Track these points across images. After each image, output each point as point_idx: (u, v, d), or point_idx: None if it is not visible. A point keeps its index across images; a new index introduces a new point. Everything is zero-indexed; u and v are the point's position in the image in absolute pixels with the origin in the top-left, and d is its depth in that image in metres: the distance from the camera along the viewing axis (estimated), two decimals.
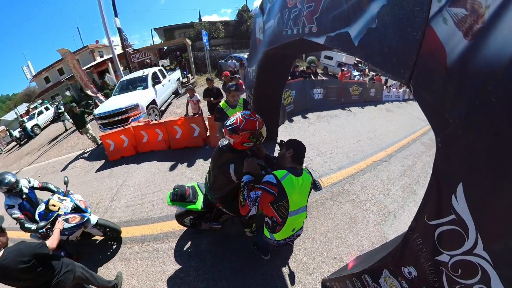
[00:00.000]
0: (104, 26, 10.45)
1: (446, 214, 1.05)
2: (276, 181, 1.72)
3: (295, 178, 1.75)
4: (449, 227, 1.05)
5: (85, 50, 20.90)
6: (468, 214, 0.96)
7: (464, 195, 0.97)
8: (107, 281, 2.61)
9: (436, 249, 1.12)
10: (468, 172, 0.96)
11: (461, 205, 0.98)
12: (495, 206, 0.88)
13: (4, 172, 2.80)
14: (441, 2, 0.95)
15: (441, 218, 1.08)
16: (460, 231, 1.00)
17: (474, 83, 0.88)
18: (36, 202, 3.07)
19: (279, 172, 1.77)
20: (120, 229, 3.39)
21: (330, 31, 1.66)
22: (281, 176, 1.74)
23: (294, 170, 1.79)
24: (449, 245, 1.06)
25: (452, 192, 1.01)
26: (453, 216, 1.02)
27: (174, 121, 5.71)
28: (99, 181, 5.26)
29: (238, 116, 1.91)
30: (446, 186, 1.05)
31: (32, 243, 2.00)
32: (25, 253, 1.87)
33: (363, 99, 9.73)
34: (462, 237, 0.99)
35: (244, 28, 21.24)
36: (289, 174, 1.74)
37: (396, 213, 3.35)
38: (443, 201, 1.07)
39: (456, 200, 1.00)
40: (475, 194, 0.94)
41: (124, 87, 8.49)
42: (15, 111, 23.17)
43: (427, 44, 1.03)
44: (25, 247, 1.93)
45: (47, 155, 8.93)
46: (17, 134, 14.47)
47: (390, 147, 5.44)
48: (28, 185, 3.04)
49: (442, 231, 1.08)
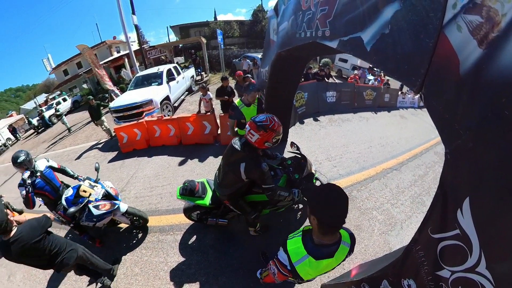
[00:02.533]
0: (122, 23, 10.78)
1: (450, 229, 1.02)
2: (289, 265, 1.25)
3: (316, 262, 1.18)
4: (452, 242, 1.01)
5: (103, 45, 21.64)
6: (473, 230, 0.93)
7: (471, 210, 0.93)
8: (104, 263, 2.74)
9: (437, 264, 1.08)
10: (476, 187, 0.92)
11: (467, 220, 0.95)
12: (502, 225, 0.84)
13: (19, 151, 2.91)
14: (456, 9, 0.92)
15: (445, 232, 1.05)
16: (464, 247, 0.96)
17: (487, 94, 0.84)
18: (55, 182, 3.13)
19: (296, 251, 1.23)
20: (148, 218, 3.45)
21: (343, 35, 1.64)
22: (296, 258, 1.22)
23: (318, 250, 1.19)
24: (451, 260, 1.02)
25: (458, 206, 0.97)
26: (457, 231, 0.99)
27: (187, 118, 5.84)
28: (111, 171, 5.46)
29: (267, 116, 1.97)
30: (452, 199, 1.02)
31: (39, 218, 2.22)
32: (36, 227, 2.09)
33: (377, 104, 9.49)
34: (465, 253, 0.95)
35: (259, 28, 21.29)
36: (307, 257, 1.19)
37: (403, 223, 3.25)
38: (448, 215, 1.03)
39: (461, 214, 0.97)
40: (482, 210, 0.90)
41: (140, 82, 8.74)
42: (34, 100, 24.26)
43: (440, 52, 1.00)
44: (35, 221, 2.15)
45: (63, 144, 9.36)
46: (35, 123, 15.32)
47: (401, 155, 5.28)
48: (46, 164, 3.09)
49: (445, 246, 1.04)
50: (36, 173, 2.93)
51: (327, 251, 1.19)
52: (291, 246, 1.26)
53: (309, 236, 1.24)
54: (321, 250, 1.19)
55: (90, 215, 2.79)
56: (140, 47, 13.65)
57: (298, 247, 1.22)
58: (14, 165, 2.83)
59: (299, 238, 1.26)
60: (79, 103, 18.24)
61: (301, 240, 1.24)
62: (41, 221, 2.17)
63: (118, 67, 18.96)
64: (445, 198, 1.05)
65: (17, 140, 16.09)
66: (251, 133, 1.94)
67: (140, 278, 2.85)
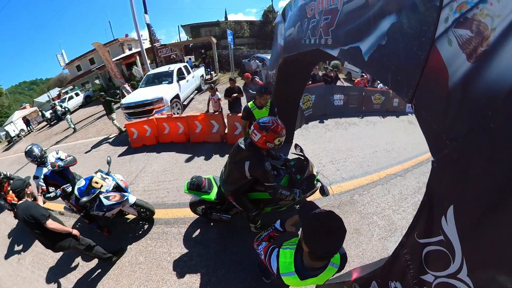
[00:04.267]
0: (134, 21, 11.08)
1: (435, 234, 1.06)
2: (276, 271, 1.27)
3: (300, 281, 1.21)
4: (436, 247, 1.05)
5: (115, 42, 22.10)
6: (456, 238, 0.97)
7: (454, 218, 0.97)
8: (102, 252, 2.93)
9: (422, 268, 1.13)
10: (460, 196, 0.96)
11: (450, 227, 0.99)
12: (483, 235, 0.87)
13: (32, 144, 3.11)
14: (448, 23, 0.95)
15: (430, 238, 1.09)
16: (447, 253, 1.00)
17: (474, 107, 0.87)
18: (66, 173, 3.32)
19: (285, 265, 1.24)
20: (154, 211, 3.61)
21: (343, 45, 1.70)
22: (283, 271, 1.24)
23: (305, 272, 1.21)
24: (435, 265, 1.07)
25: (443, 214, 1.02)
26: (441, 237, 1.03)
27: (195, 116, 6.01)
28: (120, 165, 5.66)
29: (271, 118, 2.08)
30: (437, 206, 1.06)
31: (40, 209, 2.47)
32: (27, 212, 2.39)
33: (385, 109, 9.36)
34: (448, 259, 1.00)
35: (269, 29, 21.30)
36: (293, 274, 1.21)
37: (403, 230, 3.23)
38: (433, 221, 1.07)
39: (446, 221, 1.01)
40: (465, 219, 0.94)
41: (151, 80, 8.96)
42: (47, 94, 25.13)
43: (431, 64, 1.04)
44: (33, 207, 2.44)
45: (74, 137, 9.71)
46: (48, 115, 15.77)
47: (407, 161, 5.21)
48: (55, 156, 3.29)
49: (430, 251, 1.09)
50: (47, 166, 3.14)
51: (313, 273, 1.21)
52: (282, 258, 1.27)
53: (300, 256, 1.22)
54: (308, 272, 1.20)
55: (101, 205, 2.95)
56: (152, 45, 13.98)
57: (289, 262, 1.24)
58: (28, 158, 3.01)
59: (292, 252, 1.26)
60: (91, 98, 18.79)
61: (294, 256, 1.25)
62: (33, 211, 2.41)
63: (130, 64, 19.43)
64: (431, 205, 1.10)
65: (30, 132, 16.69)
66: (254, 132, 2.05)
67: (144, 266, 2.99)
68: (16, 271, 3.39)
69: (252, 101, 3.68)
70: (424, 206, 1.12)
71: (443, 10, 0.97)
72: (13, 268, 3.46)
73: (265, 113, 3.58)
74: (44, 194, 3.00)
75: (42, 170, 3.07)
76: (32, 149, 3.01)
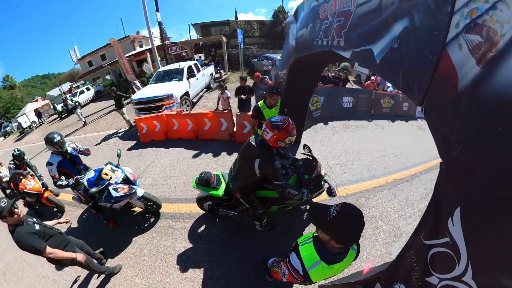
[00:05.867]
0: (146, 19, 11.26)
1: (441, 236, 1.07)
2: (301, 271, 1.32)
3: (328, 267, 1.26)
4: (442, 249, 1.06)
5: (127, 39, 22.52)
6: (462, 240, 0.97)
7: (461, 220, 0.98)
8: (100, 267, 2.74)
9: (427, 270, 1.13)
10: (467, 198, 0.97)
11: (457, 229, 1.00)
12: (489, 238, 0.88)
13: (53, 132, 3.18)
14: (459, 28, 0.97)
15: (436, 239, 1.10)
16: (452, 255, 1.01)
17: (482, 110, 0.89)
18: (80, 164, 3.42)
19: (309, 257, 1.31)
20: (161, 204, 3.68)
21: (355, 47, 1.71)
22: (309, 264, 1.29)
23: (330, 256, 1.27)
24: (440, 267, 1.08)
25: (450, 215, 1.03)
26: (447, 239, 1.04)
27: (204, 114, 6.10)
28: (129, 158, 5.79)
29: (283, 118, 2.12)
30: (444, 208, 1.07)
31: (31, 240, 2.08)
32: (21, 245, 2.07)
33: (394, 113, 9.23)
34: (453, 261, 1.00)
35: (279, 29, 21.32)
36: (320, 262, 1.27)
37: (408, 236, 3.16)
38: (440, 223, 1.08)
39: (452, 223, 1.02)
40: (471, 221, 0.95)
41: (161, 77, 9.11)
42: (59, 88, 25.79)
43: (441, 68, 1.06)
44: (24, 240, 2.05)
45: (84, 130, 9.96)
46: (60, 109, 16.24)
47: (415, 167, 5.14)
48: (72, 146, 3.38)
49: (435, 253, 1.10)
50: (65, 156, 3.22)
51: (338, 257, 1.28)
52: (304, 252, 1.34)
53: (321, 243, 1.31)
54: (332, 257, 1.27)
55: (109, 197, 3.03)
56: (162, 43, 14.18)
57: (311, 253, 1.31)
58: (48, 144, 3.07)
59: (311, 245, 1.35)
60: (101, 93, 19.22)
61: (313, 246, 1.33)
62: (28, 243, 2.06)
63: (140, 61, 19.75)
64: (438, 206, 1.11)
65: (41, 124, 17.20)
66: (266, 131, 2.09)
67: (148, 259, 3.06)
68: (23, 257, 3.50)
69: (262, 101, 3.72)
70: (431, 208, 1.13)
71: (454, 16, 0.99)
72: (20, 254, 3.55)
73: (274, 113, 3.61)
74: (56, 181, 3.10)
75: (56, 157, 3.17)
76: (53, 136, 3.09)
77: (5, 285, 3.26)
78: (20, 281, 3.24)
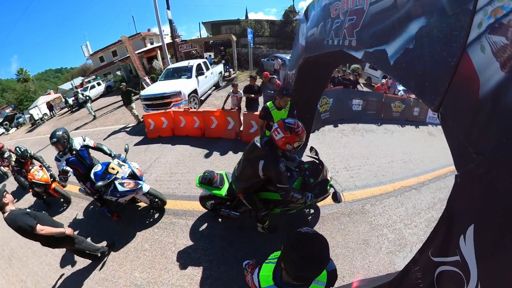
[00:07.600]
0: (157, 16, 11.33)
1: (451, 254, 1.00)
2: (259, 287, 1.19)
3: None
4: (451, 268, 0.99)
5: (138, 36, 22.74)
6: (473, 259, 0.90)
7: (474, 238, 0.90)
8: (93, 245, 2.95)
9: None
10: (483, 215, 0.89)
11: (468, 248, 0.92)
12: (504, 259, 0.81)
13: (58, 129, 3.21)
14: (481, 28, 0.89)
15: (445, 257, 1.02)
16: (461, 275, 0.94)
17: (505, 119, 0.82)
18: (88, 159, 3.41)
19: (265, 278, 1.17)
20: (166, 201, 3.69)
21: (368, 47, 1.63)
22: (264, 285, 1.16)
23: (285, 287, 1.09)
24: (447, 287, 1.00)
25: (462, 232, 0.95)
26: (457, 258, 0.96)
27: (212, 112, 6.08)
28: (135, 153, 5.85)
29: (296, 121, 2.07)
30: (457, 224, 0.99)
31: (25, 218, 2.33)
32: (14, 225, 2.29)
33: (404, 117, 8.98)
34: (461, 282, 0.93)
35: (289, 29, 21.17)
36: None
37: (413, 246, 3.09)
38: (451, 239, 1.01)
39: (464, 241, 0.94)
40: (486, 240, 0.87)
41: (170, 74, 9.17)
42: (71, 82, 26.34)
43: (461, 72, 0.97)
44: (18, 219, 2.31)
45: (93, 124, 10.14)
46: (71, 102, 16.65)
47: (424, 174, 4.96)
48: (82, 143, 3.36)
49: (443, 271, 1.02)
50: (72, 151, 3.23)
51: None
52: (263, 272, 1.21)
53: (280, 270, 1.10)
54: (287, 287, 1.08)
55: (115, 191, 3.04)
56: (173, 41, 14.30)
57: (268, 275, 1.17)
58: (52, 143, 3.08)
59: (272, 266, 1.19)
60: (112, 88, 19.55)
61: (273, 270, 1.17)
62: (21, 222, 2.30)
63: (151, 58, 19.96)
64: (450, 222, 1.03)
65: (52, 116, 17.70)
66: (278, 131, 2.03)
67: (148, 254, 3.07)
68: (28, 244, 3.56)
69: (272, 101, 3.65)
70: (443, 222, 1.05)
71: (476, 15, 0.91)
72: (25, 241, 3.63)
73: (283, 114, 3.53)
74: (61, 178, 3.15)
75: None
76: (56, 133, 3.08)
77: (10, 269, 3.35)
78: (24, 267, 3.32)
